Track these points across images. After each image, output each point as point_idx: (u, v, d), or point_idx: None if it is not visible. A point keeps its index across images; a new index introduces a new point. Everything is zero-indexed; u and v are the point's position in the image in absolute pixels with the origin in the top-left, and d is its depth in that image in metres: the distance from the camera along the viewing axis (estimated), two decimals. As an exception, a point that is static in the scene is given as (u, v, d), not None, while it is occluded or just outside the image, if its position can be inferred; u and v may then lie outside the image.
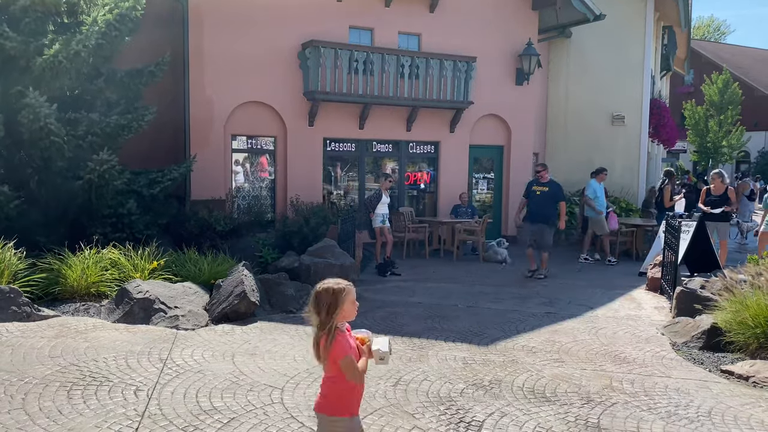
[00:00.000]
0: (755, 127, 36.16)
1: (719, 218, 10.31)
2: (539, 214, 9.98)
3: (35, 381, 4.63)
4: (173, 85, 11.16)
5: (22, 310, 6.14)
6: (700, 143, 33.42)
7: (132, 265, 7.49)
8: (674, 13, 17.33)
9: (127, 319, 6.48)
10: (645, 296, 8.84)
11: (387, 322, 6.97)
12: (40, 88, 8.01)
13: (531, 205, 10.10)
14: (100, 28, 8.38)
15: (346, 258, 8.65)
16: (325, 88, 11.43)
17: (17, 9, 8.26)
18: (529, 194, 10.15)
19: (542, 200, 9.98)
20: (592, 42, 15.54)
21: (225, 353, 5.54)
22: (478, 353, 5.88)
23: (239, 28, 11.16)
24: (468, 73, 12.67)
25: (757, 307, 5.85)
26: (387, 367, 5.32)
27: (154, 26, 10.31)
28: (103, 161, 8.07)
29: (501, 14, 13.60)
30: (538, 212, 9.98)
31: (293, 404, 4.45)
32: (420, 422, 4.25)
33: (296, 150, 11.86)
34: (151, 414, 4.17)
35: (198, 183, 10.87)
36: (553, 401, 4.71)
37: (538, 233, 9.97)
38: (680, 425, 4.33)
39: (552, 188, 10.02)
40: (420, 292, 8.80)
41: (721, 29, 55.12)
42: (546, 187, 10.02)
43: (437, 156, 13.45)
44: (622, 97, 15.57)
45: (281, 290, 7.46)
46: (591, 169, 13.59)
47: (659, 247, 9.74)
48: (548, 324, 7.08)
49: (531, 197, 10.12)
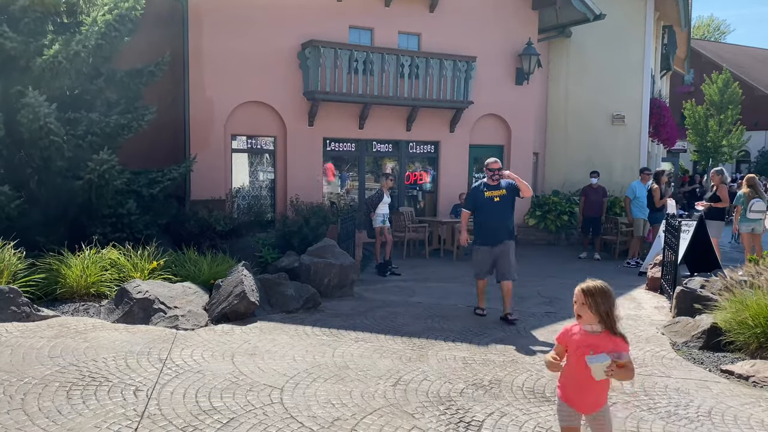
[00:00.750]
0: (755, 126, 36.13)
1: (711, 216, 10.29)
2: (501, 229, 7.17)
3: (34, 381, 4.62)
4: (173, 85, 11.16)
5: (21, 310, 6.14)
6: (700, 143, 33.39)
7: (132, 265, 7.48)
8: (674, 13, 17.33)
9: (127, 319, 6.48)
10: (645, 296, 8.83)
11: (387, 321, 6.97)
12: (40, 87, 8.00)
13: (485, 219, 7.26)
14: (99, 29, 8.38)
15: (346, 258, 8.64)
16: (324, 87, 11.43)
17: (17, 9, 8.26)
18: (480, 204, 7.28)
19: (502, 209, 7.19)
20: (592, 42, 15.54)
21: (224, 353, 5.54)
22: (477, 353, 5.87)
23: (239, 27, 11.16)
24: (468, 73, 12.67)
25: (757, 307, 5.85)
26: (386, 367, 5.32)
27: (154, 26, 10.31)
28: (103, 161, 8.07)
29: (501, 14, 13.60)
30: (499, 226, 7.17)
31: (293, 404, 4.45)
32: (420, 422, 4.24)
33: (296, 150, 11.86)
34: (150, 414, 4.16)
35: (198, 183, 10.87)
36: (553, 401, 4.70)
37: (502, 256, 7.19)
38: (680, 425, 4.32)
39: (509, 190, 7.22)
40: (420, 291, 8.80)
41: (721, 29, 55.10)
42: (503, 190, 7.21)
43: (437, 156, 13.45)
44: (622, 97, 15.57)
45: (281, 290, 7.45)
46: (591, 168, 13.65)
47: (659, 246, 9.74)
48: (548, 324, 7.08)
49: (484, 208, 7.24)
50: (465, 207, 7.60)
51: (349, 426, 4.13)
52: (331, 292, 8.14)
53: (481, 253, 7.33)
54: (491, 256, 7.23)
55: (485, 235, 7.26)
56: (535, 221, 14.10)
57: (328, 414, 4.30)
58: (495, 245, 7.18)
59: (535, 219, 14.10)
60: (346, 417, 4.27)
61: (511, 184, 7.22)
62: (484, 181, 7.37)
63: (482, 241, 7.29)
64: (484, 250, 7.29)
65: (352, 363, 5.42)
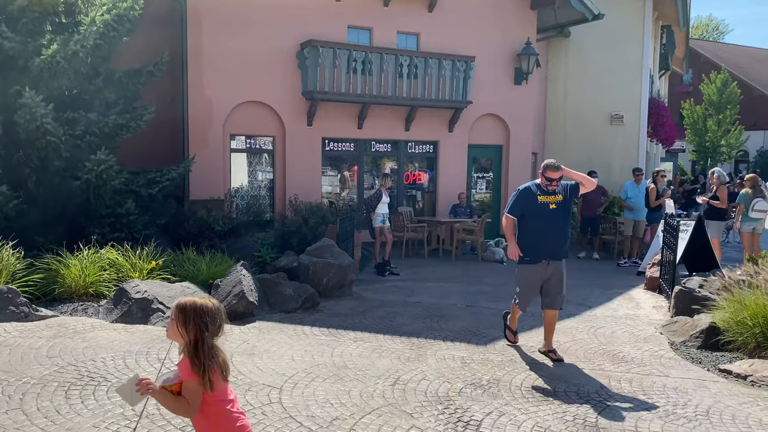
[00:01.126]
0: (754, 126, 36.13)
1: (711, 216, 10.30)
2: (558, 243, 5.76)
3: (33, 381, 4.63)
4: (172, 85, 11.15)
5: (20, 310, 6.14)
6: (699, 143, 33.40)
7: (130, 265, 7.48)
8: (673, 13, 17.33)
9: (126, 319, 6.48)
10: (643, 295, 8.84)
11: (386, 321, 6.97)
12: (38, 88, 8.01)
13: (538, 229, 5.72)
14: (98, 29, 8.38)
15: (345, 257, 8.65)
16: (323, 87, 11.43)
17: (15, 9, 8.26)
18: (532, 210, 5.75)
19: (559, 218, 5.76)
20: (590, 41, 15.54)
21: (223, 353, 5.53)
22: (476, 352, 5.88)
23: (238, 27, 11.16)
24: (466, 73, 12.67)
25: (756, 307, 5.86)
26: (385, 367, 5.32)
27: (153, 26, 10.30)
28: (101, 161, 8.07)
29: (500, 14, 13.60)
30: (556, 239, 5.74)
31: (291, 404, 4.45)
32: (418, 422, 4.25)
33: (295, 150, 11.85)
34: (148, 414, 4.16)
35: (196, 183, 10.86)
36: (552, 400, 4.71)
37: (554, 277, 5.79)
38: (678, 424, 4.33)
39: (567, 193, 5.83)
40: (419, 291, 8.80)
41: (720, 28, 55.09)
42: (560, 195, 5.78)
43: (436, 156, 13.44)
44: (620, 97, 15.57)
45: (280, 290, 7.45)
46: (590, 168, 13.59)
47: (658, 246, 9.75)
48: (547, 323, 7.07)
49: (537, 215, 5.73)
50: (510, 212, 5.89)
51: (348, 425, 4.13)
52: (329, 291, 8.15)
53: (529, 272, 5.78)
54: (541, 277, 5.80)
55: (537, 249, 5.71)
56: (533, 221, 14.09)
57: (326, 414, 4.30)
58: (548, 263, 5.77)
59: (534, 219, 14.08)
60: (344, 416, 4.27)
61: (567, 186, 5.84)
62: (536, 182, 5.88)
63: (532, 257, 5.74)
64: (533, 269, 5.76)
65: (351, 363, 5.42)
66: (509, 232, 5.90)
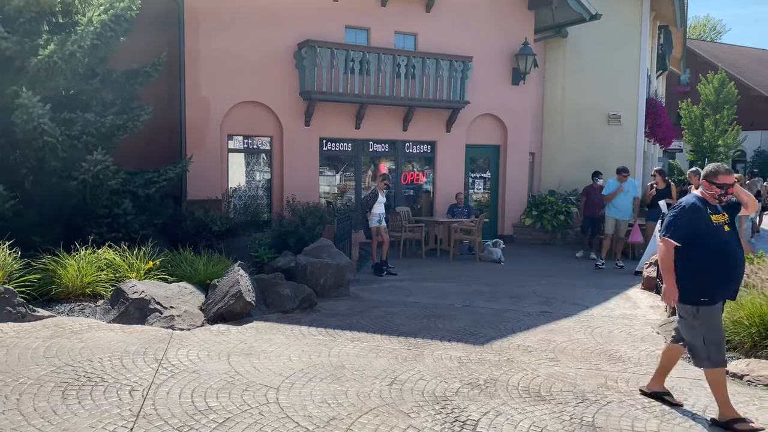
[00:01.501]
0: (751, 126, 36.18)
1: None
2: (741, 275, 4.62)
3: (30, 381, 4.62)
4: (169, 85, 11.14)
5: (16, 311, 6.13)
6: (696, 143, 33.46)
7: (127, 265, 7.47)
8: (670, 13, 17.37)
9: (123, 320, 6.47)
10: (640, 295, 8.86)
11: (383, 321, 6.97)
12: (35, 88, 7.99)
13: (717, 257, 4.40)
14: (95, 29, 8.36)
15: (343, 258, 8.64)
16: (321, 87, 11.43)
17: (12, 9, 8.24)
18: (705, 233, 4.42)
19: (737, 244, 4.51)
20: (588, 41, 15.57)
21: (220, 353, 5.54)
22: (473, 352, 5.88)
23: (235, 28, 11.16)
24: (464, 73, 12.68)
25: (752, 306, 5.88)
26: (382, 367, 5.32)
27: (150, 26, 10.29)
28: (97, 161, 8.05)
29: (497, 14, 13.62)
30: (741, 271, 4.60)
31: (289, 404, 4.45)
32: (415, 421, 4.25)
33: (292, 150, 11.86)
34: (146, 414, 4.16)
35: (194, 183, 10.86)
36: (549, 400, 4.72)
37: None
38: (674, 423, 4.34)
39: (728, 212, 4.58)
40: (416, 291, 8.81)
41: (717, 29, 55.19)
42: (725, 214, 4.54)
43: (434, 156, 13.46)
44: (618, 97, 15.60)
45: (277, 290, 7.45)
46: (588, 168, 13.60)
47: (655, 246, 9.75)
48: (544, 323, 7.09)
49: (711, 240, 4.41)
50: (673, 236, 4.47)
51: (345, 425, 4.13)
52: (327, 292, 8.15)
53: (712, 314, 4.41)
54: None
55: (719, 284, 4.43)
56: (531, 221, 14.12)
57: (323, 413, 4.30)
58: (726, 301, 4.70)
59: (532, 219, 14.12)
60: (341, 416, 4.27)
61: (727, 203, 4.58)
62: (697, 195, 4.57)
63: (713, 296, 4.42)
64: (717, 311, 4.44)
65: (348, 363, 5.43)
66: (669, 267, 4.48)
